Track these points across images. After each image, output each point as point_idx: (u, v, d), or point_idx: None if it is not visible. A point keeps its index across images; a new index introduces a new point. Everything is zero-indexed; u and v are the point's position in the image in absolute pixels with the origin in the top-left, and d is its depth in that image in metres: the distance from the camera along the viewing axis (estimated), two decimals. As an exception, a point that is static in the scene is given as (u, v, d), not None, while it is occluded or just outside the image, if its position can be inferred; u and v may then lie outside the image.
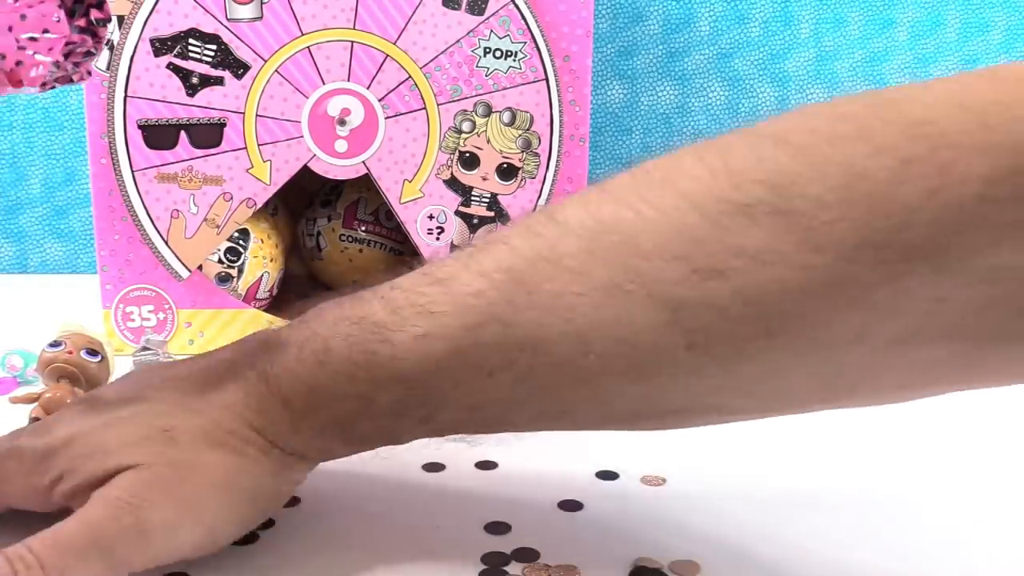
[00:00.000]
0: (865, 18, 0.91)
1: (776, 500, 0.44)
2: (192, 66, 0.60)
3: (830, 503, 0.44)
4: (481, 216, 0.65)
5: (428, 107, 0.63)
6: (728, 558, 0.39)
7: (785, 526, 0.42)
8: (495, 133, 0.64)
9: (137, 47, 0.60)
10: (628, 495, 0.44)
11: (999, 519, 0.43)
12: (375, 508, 0.43)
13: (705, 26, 0.90)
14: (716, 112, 0.91)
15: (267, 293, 0.68)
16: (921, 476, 0.47)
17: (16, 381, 0.57)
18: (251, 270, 0.66)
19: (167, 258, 0.62)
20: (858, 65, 0.92)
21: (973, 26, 0.91)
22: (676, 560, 0.38)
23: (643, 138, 0.92)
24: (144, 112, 0.60)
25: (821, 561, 0.39)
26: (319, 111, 0.62)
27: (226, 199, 0.62)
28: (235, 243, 0.65)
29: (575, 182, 0.65)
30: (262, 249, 0.66)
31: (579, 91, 0.64)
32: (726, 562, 0.39)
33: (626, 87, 0.91)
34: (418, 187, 0.64)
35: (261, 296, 0.67)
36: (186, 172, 0.62)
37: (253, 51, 0.60)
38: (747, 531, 0.41)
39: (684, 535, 0.40)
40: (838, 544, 0.40)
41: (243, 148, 0.62)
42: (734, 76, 0.91)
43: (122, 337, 0.63)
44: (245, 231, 0.66)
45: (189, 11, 0.59)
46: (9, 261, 0.88)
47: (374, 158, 0.63)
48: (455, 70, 0.62)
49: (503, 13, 0.62)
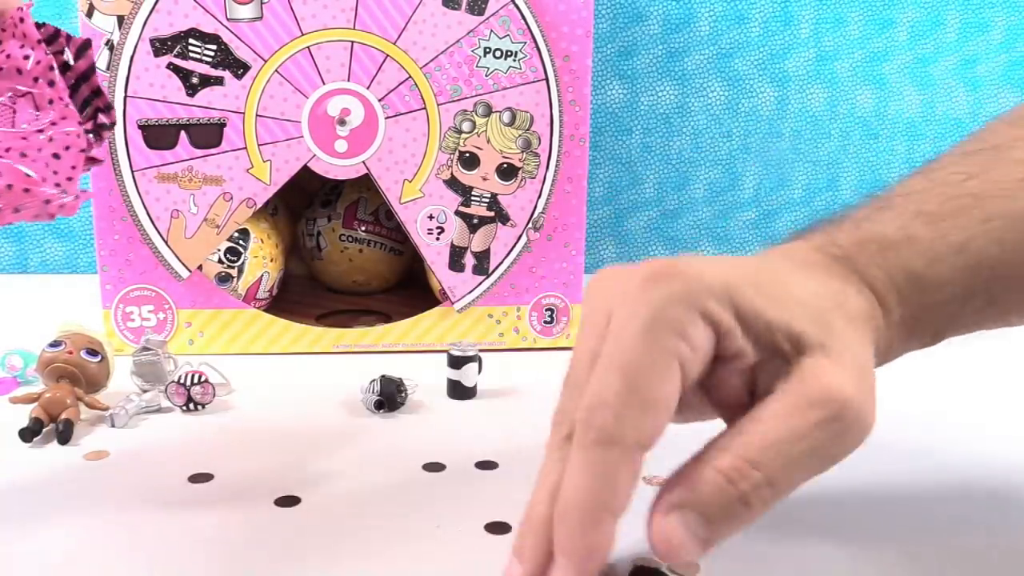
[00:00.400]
0: (865, 18, 0.91)
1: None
2: (192, 66, 0.60)
3: (831, 502, 0.44)
4: (481, 216, 0.65)
5: (428, 107, 0.63)
6: (729, 560, 0.39)
7: (787, 526, 0.42)
8: (495, 133, 0.64)
9: (137, 47, 0.60)
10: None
11: (999, 519, 0.43)
12: (375, 508, 0.43)
13: (705, 26, 0.90)
14: (716, 112, 0.91)
15: (267, 293, 0.68)
16: (923, 478, 0.47)
17: (16, 381, 0.57)
18: (251, 270, 0.66)
19: (167, 258, 0.62)
20: (858, 65, 0.92)
21: (973, 26, 0.91)
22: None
23: (643, 138, 0.92)
24: (144, 112, 0.60)
25: (822, 559, 0.39)
26: (319, 111, 0.62)
27: (226, 199, 0.62)
28: (235, 243, 0.65)
29: (575, 182, 0.65)
30: (262, 249, 0.66)
31: (579, 91, 0.64)
32: (727, 563, 0.39)
33: (626, 87, 0.91)
34: (418, 187, 0.64)
35: (261, 296, 0.67)
36: (186, 172, 0.62)
37: (253, 51, 0.60)
38: (748, 532, 0.41)
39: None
40: (840, 543, 0.40)
41: (243, 148, 0.62)
42: (734, 76, 0.91)
43: (122, 337, 0.63)
44: (245, 231, 0.66)
45: (189, 11, 0.59)
46: (9, 261, 0.88)
47: (374, 158, 0.63)
48: (455, 70, 0.62)
49: (503, 13, 0.62)
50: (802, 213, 0.94)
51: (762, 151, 0.93)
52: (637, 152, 0.92)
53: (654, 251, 0.94)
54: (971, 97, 0.93)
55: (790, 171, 0.93)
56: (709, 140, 0.92)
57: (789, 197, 0.94)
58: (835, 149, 0.93)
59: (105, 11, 0.59)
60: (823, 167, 0.94)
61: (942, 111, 0.93)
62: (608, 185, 0.93)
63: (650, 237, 0.94)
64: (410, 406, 0.55)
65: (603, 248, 0.94)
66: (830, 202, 0.94)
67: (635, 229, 0.94)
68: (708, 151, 0.92)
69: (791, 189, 0.94)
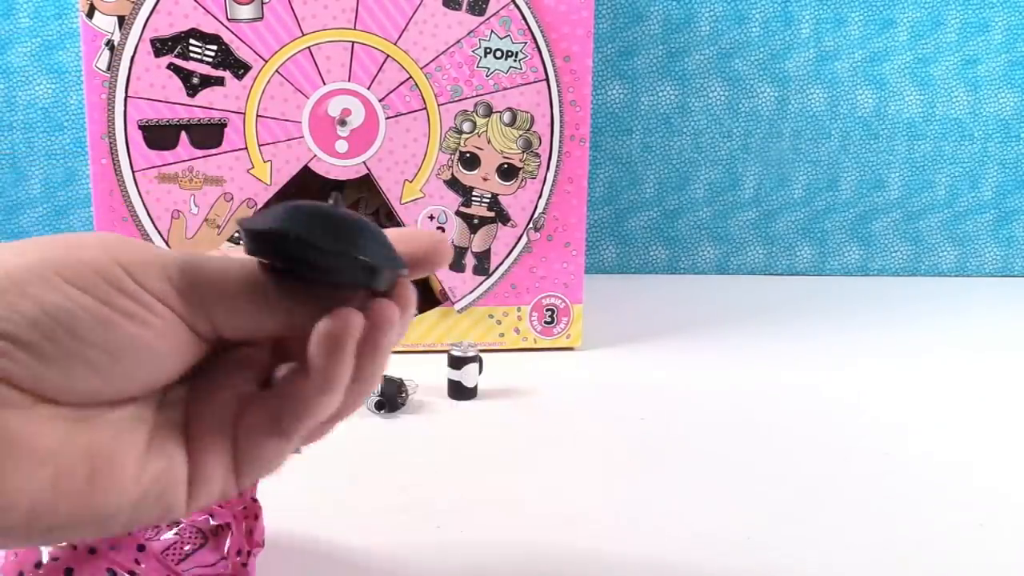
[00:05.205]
0: (865, 18, 0.91)
1: (777, 501, 0.44)
2: (192, 66, 0.60)
3: (832, 502, 0.44)
4: (481, 216, 0.65)
5: (428, 107, 0.63)
6: (730, 560, 0.39)
7: (786, 527, 0.42)
8: (495, 133, 0.64)
9: (137, 47, 0.60)
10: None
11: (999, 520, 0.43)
12: (375, 508, 0.43)
13: (705, 26, 0.90)
14: (716, 112, 0.91)
15: (267, 293, 0.68)
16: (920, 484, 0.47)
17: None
18: (251, 270, 0.66)
19: (168, 258, 0.62)
20: (858, 65, 0.92)
21: (973, 26, 0.91)
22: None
23: (643, 138, 0.92)
24: (145, 112, 0.60)
25: (824, 557, 0.39)
26: (319, 111, 0.62)
27: (227, 199, 0.62)
28: (236, 243, 0.65)
29: (575, 182, 0.65)
30: (262, 249, 0.66)
31: (579, 91, 0.64)
32: (727, 564, 0.39)
33: (626, 87, 0.91)
34: (418, 187, 0.64)
35: (261, 296, 0.67)
36: (187, 172, 0.61)
37: (254, 51, 0.60)
38: (747, 532, 0.41)
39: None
40: (840, 543, 0.40)
41: (244, 148, 0.62)
42: (734, 76, 0.91)
43: (123, 337, 0.63)
44: (245, 231, 0.66)
45: (189, 11, 0.59)
46: (9, 261, 0.88)
47: (374, 158, 0.63)
48: (455, 70, 0.62)
49: (503, 13, 0.62)
50: (802, 213, 0.94)
51: (762, 151, 0.93)
52: (637, 152, 0.92)
53: (654, 251, 0.94)
54: (971, 97, 0.93)
55: (790, 171, 0.93)
56: (709, 140, 0.92)
57: (789, 197, 0.94)
58: (835, 149, 0.93)
59: (105, 11, 0.59)
60: (823, 167, 0.94)
61: (942, 111, 0.93)
62: (608, 185, 0.93)
63: (650, 237, 0.94)
64: (411, 406, 0.55)
65: (603, 248, 0.94)
66: (830, 202, 0.94)
67: (635, 229, 0.94)
68: (708, 151, 0.92)
69: (791, 189, 0.94)
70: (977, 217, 0.95)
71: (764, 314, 0.79)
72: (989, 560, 0.39)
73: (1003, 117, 0.93)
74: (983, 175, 0.94)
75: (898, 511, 0.43)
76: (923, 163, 0.94)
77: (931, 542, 0.41)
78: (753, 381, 0.61)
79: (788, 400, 0.58)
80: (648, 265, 0.95)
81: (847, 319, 0.78)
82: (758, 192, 0.94)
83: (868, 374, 0.63)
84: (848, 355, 0.67)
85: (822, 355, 0.67)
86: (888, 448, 0.51)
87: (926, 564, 0.39)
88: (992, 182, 0.94)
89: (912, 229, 0.95)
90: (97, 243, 0.24)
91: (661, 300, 0.84)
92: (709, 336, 0.72)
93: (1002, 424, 0.54)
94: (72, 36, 0.83)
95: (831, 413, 0.56)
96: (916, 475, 0.47)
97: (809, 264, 0.95)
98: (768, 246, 0.95)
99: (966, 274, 0.96)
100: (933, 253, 0.95)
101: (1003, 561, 0.39)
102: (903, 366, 0.65)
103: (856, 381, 0.62)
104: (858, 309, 0.82)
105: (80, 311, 0.23)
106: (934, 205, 0.94)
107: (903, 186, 0.94)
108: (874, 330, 0.74)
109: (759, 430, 0.53)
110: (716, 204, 0.94)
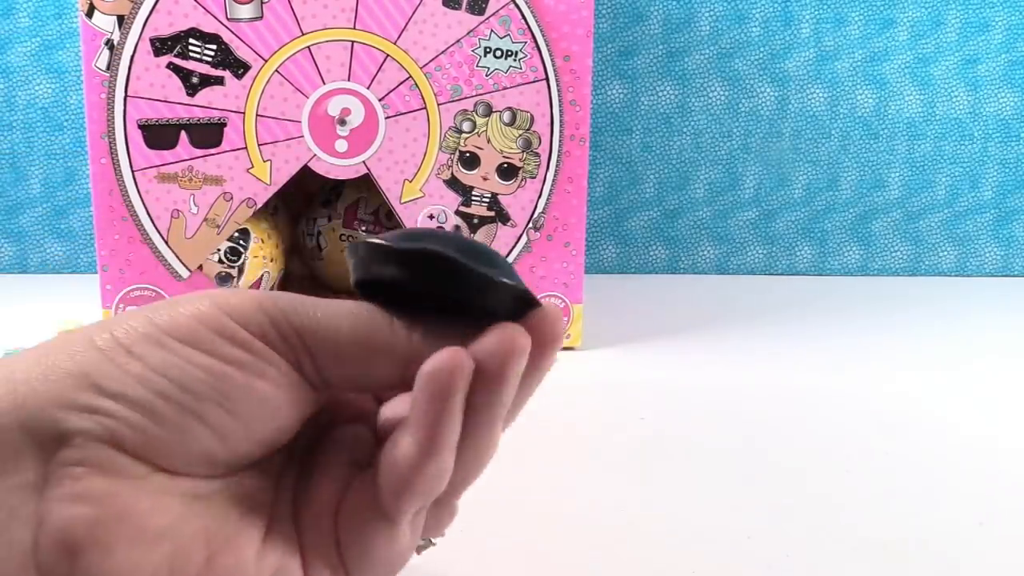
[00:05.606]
0: (865, 18, 0.91)
1: (773, 501, 0.44)
2: (192, 66, 0.60)
3: (832, 504, 0.44)
4: (481, 216, 0.65)
5: (428, 107, 0.63)
6: (730, 559, 0.39)
7: (779, 526, 0.42)
8: (495, 133, 0.64)
9: (137, 47, 0.59)
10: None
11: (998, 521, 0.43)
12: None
13: (705, 26, 0.90)
14: (716, 112, 0.91)
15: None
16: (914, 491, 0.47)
17: (16, 381, 0.56)
18: (251, 270, 0.66)
19: (167, 258, 0.62)
20: (858, 65, 0.92)
21: (973, 26, 0.91)
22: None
23: (643, 138, 0.92)
24: (144, 112, 0.60)
25: (822, 557, 0.39)
26: (319, 111, 0.62)
27: (226, 199, 0.62)
28: (235, 243, 0.65)
29: (575, 182, 0.65)
30: (262, 249, 0.66)
31: (579, 91, 0.64)
32: (727, 563, 0.39)
33: (626, 87, 0.91)
34: (418, 187, 0.64)
35: (261, 296, 0.67)
36: (186, 172, 0.61)
37: (253, 51, 0.60)
38: (743, 534, 0.41)
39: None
40: (840, 541, 0.40)
41: (243, 148, 0.61)
42: (734, 76, 0.91)
43: (122, 337, 0.63)
44: (245, 231, 0.66)
45: (189, 11, 0.59)
46: (9, 261, 0.88)
47: (374, 158, 0.63)
48: (455, 70, 0.62)
49: (503, 13, 0.62)
50: (802, 213, 0.94)
51: (762, 151, 0.93)
52: (637, 152, 0.92)
53: (654, 251, 0.94)
54: (971, 97, 0.93)
55: (790, 171, 0.93)
56: (709, 140, 0.92)
57: (789, 197, 0.94)
58: (835, 149, 0.93)
59: (105, 11, 0.59)
60: (823, 167, 0.93)
61: (942, 111, 0.93)
62: (608, 185, 0.93)
63: (650, 237, 0.94)
64: (410, 406, 0.54)
65: (603, 248, 0.94)
66: (830, 202, 0.94)
67: (635, 229, 0.94)
68: (708, 151, 0.92)
69: (791, 189, 0.94)
70: (977, 217, 0.95)
71: (764, 314, 0.79)
72: (989, 560, 0.39)
73: (1003, 117, 0.93)
74: (983, 175, 0.94)
75: (898, 511, 0.43)
76: (923, 163, 0.94)
77: (931, 542, 0.41)
78: (753, 381, 0.61)
79: (788, 400, 0.58)
80: (648, 265, 0.95)
81: (847, 319, 0.78)
82: (758, 192, 0.94)
83: (868, 374, 0.63)
84: (848, 355, 0.67)
85: (822, 355, 0.67)
86: (888, 448, 0.51)
87: (926, 564, 0.39)
88: (992, 182, 0.94)
89: (912, 229, 0.95)
90: (200, 295, 0.23)
91: (661, 300, 0.84)
92: (709, 336, 0.72)
93: (1002, 424, 0.54)
94: (72, 36, 0.83)
95: (831, 413, 0.56)
96: (916, 475, 0.47)
97: (809, 264, 0.95)
98: (768, 246, 0.95)
99: (966, 274, 0.96)
100: (933, 253, 0.95)
101: (1003, 561, 0.39)
102: (903, 365, 0.65)
103: (856, 381, 0.62)
104: (858, 309, 0.82)
105: (190, 366, 0.22)
106: (934, 205, 0.94)
107: (903, 186, 0.94)
108: (874, 330, 0.74)
109: (759, 430, 0.53)
110: (716, 204, 0.94)
